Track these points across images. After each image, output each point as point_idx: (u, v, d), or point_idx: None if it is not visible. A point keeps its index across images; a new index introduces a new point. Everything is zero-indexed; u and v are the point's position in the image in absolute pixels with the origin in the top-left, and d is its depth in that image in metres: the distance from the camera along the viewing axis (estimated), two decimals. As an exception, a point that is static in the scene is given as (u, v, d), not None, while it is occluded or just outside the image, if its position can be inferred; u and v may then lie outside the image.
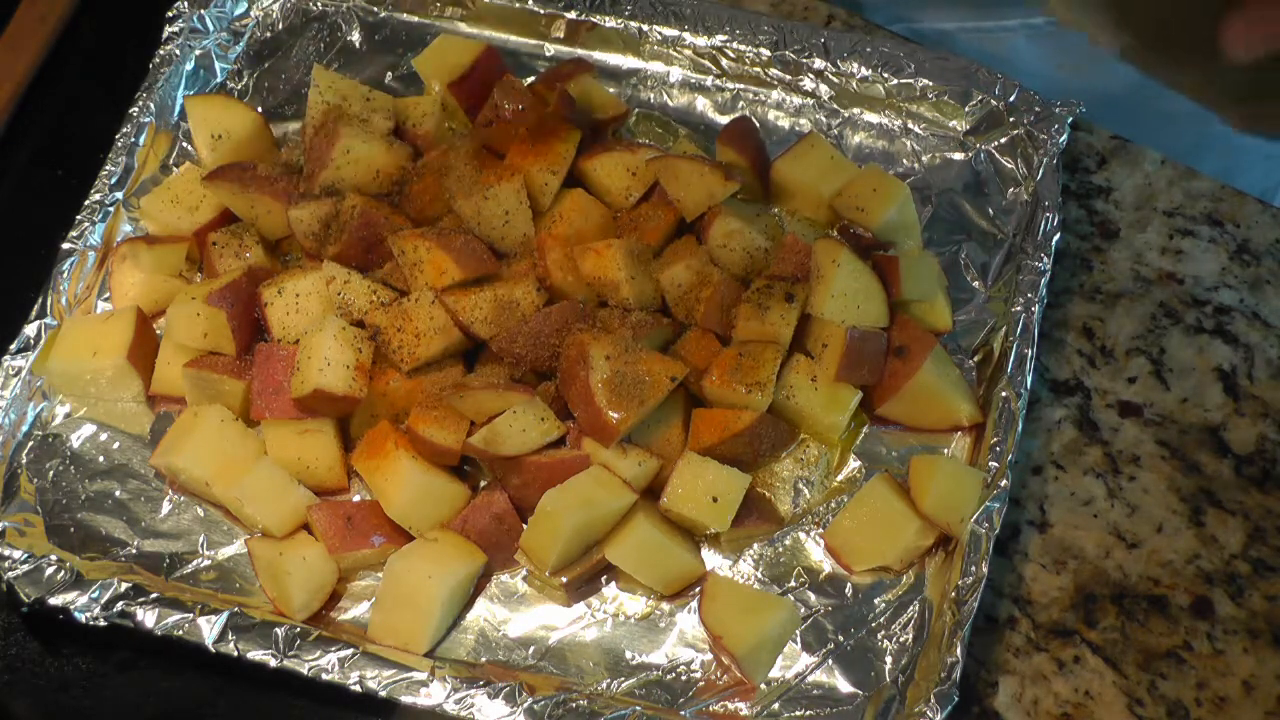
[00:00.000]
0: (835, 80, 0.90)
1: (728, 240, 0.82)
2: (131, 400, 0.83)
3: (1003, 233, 0.86)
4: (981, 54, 0.92)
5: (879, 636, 0.75)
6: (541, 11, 0.93)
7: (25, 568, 0.75)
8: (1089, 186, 0.89)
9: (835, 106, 0.91)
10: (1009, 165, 0.88)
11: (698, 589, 0.76)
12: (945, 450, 0.80)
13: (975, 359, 0.82)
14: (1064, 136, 0.87)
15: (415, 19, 0.96)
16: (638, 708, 0.72)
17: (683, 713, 0.73)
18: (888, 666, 0.74)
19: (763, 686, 0.74)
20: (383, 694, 0.72)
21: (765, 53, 0.91)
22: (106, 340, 0.81)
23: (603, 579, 0.77)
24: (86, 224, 0.86)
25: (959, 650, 0.71)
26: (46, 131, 0.96)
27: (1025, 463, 0.80)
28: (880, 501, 0.77)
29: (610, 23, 0.92)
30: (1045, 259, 0.82)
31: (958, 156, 0.89)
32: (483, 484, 0.80)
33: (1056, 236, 0.83)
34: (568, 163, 0.84)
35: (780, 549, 0.78)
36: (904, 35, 0.91)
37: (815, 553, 0.78)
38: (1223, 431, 0.81)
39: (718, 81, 0.93)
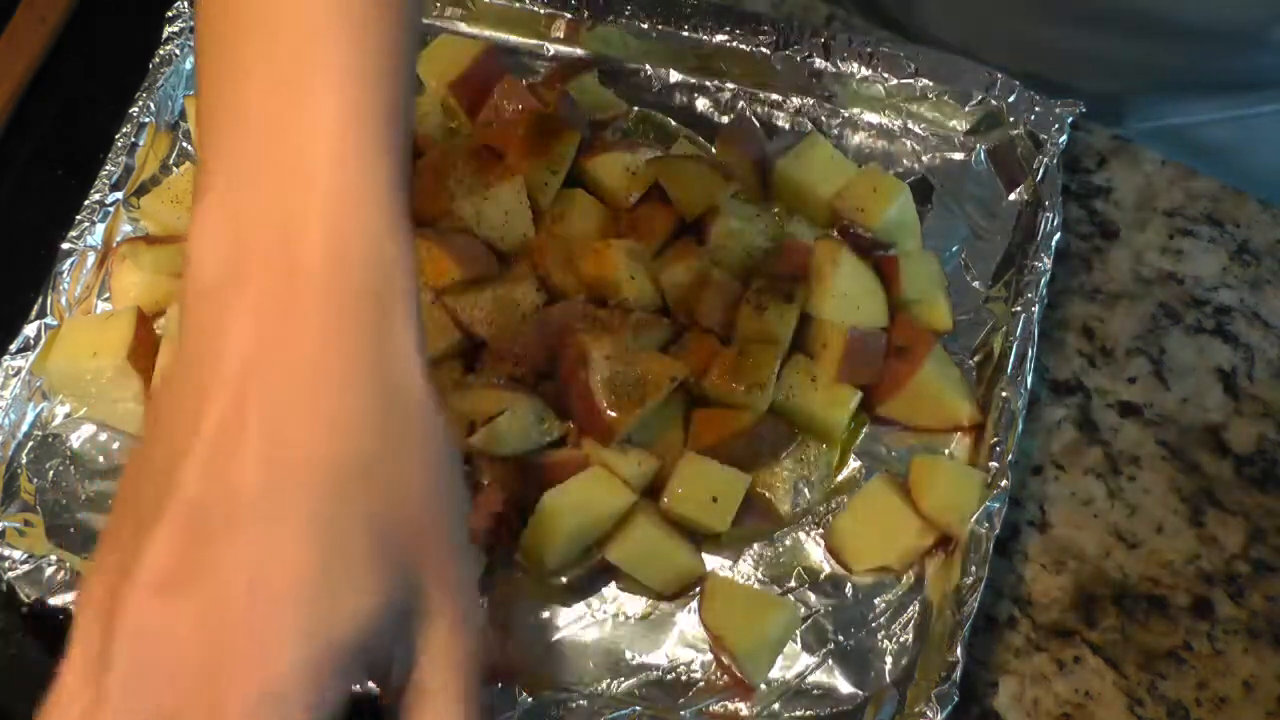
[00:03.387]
0: (835, 80, 0.90)
1: (728, 240, 0.82)
2: (131, 400, 0.83)
3: (1003, 233, 0.86)
4: (1228, 141, 0.93)
5: (879, 636, 0.75)
6: (541, 11, 0.93)
7: (25, 568, 0.75)
8: (1089, 186, 0.89)
9: (835, 106, 0.91)
10: (1009, 165, 0.88)
11: (698, 589, 0.76)
12: (945, 450, 0.80)
13: (975, 359, 0.82)
14: (1064, 136, 0.86)
15: (415, 19, 0.96)
16: (638, 708, 0.72)
17: (683, 713, 0.73)
18: (888, 666, 0.74)
19: (763, 686, 0.74)
20: (383, 694, 0.72)
21: (765, 52, 0.91)
22: (106, 340, 0.81)
23: (603, 579, 0.77)
24: (86, 224, 0.86)
25: (959, 650, 0.71)
26: (46, 131, 0.96)
27: (1025, 463, 0.80)
28: (880, 501, 0.77)
29: (610, 23, 0.92)
30: (1045, 259, 0.82)
31: (958, 156, 0.89)
32: (483, 484, 0.80)
33: (1056, 236, 0.83)
34: (568, 163, 0.84)
35: (780, 549, 0.78)
36: (1149, 134, 0.92)
37: (815, 553, 0.78)
38: (1223, 431, 0.81)
39: (718, 81, 0.93)
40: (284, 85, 0.50)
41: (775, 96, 0.92)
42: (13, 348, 0.82)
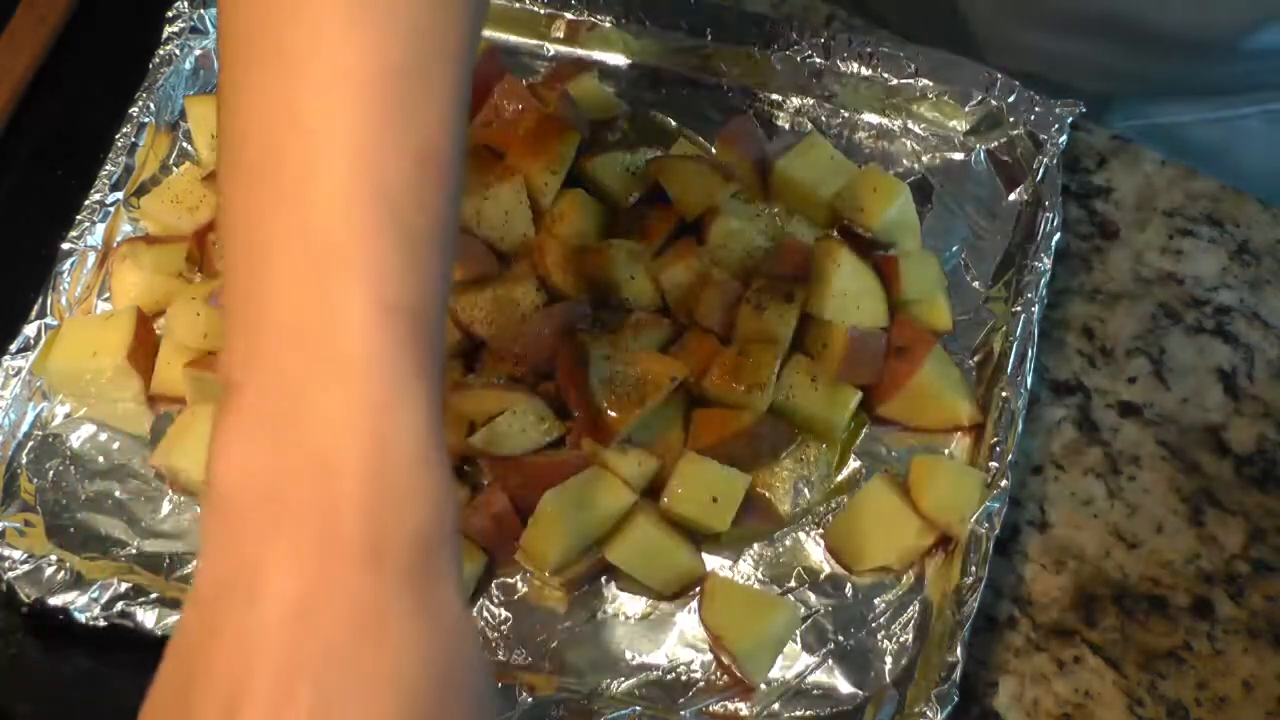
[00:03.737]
0: (835, 80, 0.90)
1: (728, 240, 0.82)
2: (131, 400, 0.83)
3: (1003, 233, 0.86)
4: (1214, 142, 0.94)
5: (879, 636, 0.75)
6: (541, 11, 0.93)
7: (25, 568, 0.75)
8: (1089, 186, 0.89)
9: (835, 106, 0.91)
10: (1009, 165, 0.88)
11: (698, 589, 0.76)
12: (945, 450, 0.80)
13: (975, 359, 0.82)
14: (1064, 137, 0.87)
15: (415, 19, 0.96)
16: (637, 708, 0.72)
17: (683, 713, 0.73)
18: (888, 666, 0.74)
19: (763, 686, 0.74)
20: (383, 694, 0.72)
21: (765, 52, 0.91)
22: (106, 340, 0.81)
23: (603, 579, 0.77)
24: (86, 224, 0.86)
25: (959, 650, 0.71)
26: (46, 131, 0.96)
27: (1025, 463, 0.80)
28: (880, 501, 0.77)
29: (610, 23, 0.92)
30: (1045, 259, 0.82)
31: (958, 156, 0.89)
32: (483, 484, 0.80)
33: (1056, 236, 0.83)
34: (568, 163, 0.84)
35: (780, 549, 0.78)
36: (1136, 130, 0.92)
37: (815, 553, 0.78)
38: (1223, 431, 0.81)
39: (718, 81, 0.92)
40: (312, 284, 0.47)
41: (775, 96, 0.92)
42: (13, 348, 0.82)
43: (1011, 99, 0.88)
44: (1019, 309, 0.81)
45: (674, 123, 0.92)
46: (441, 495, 0.47)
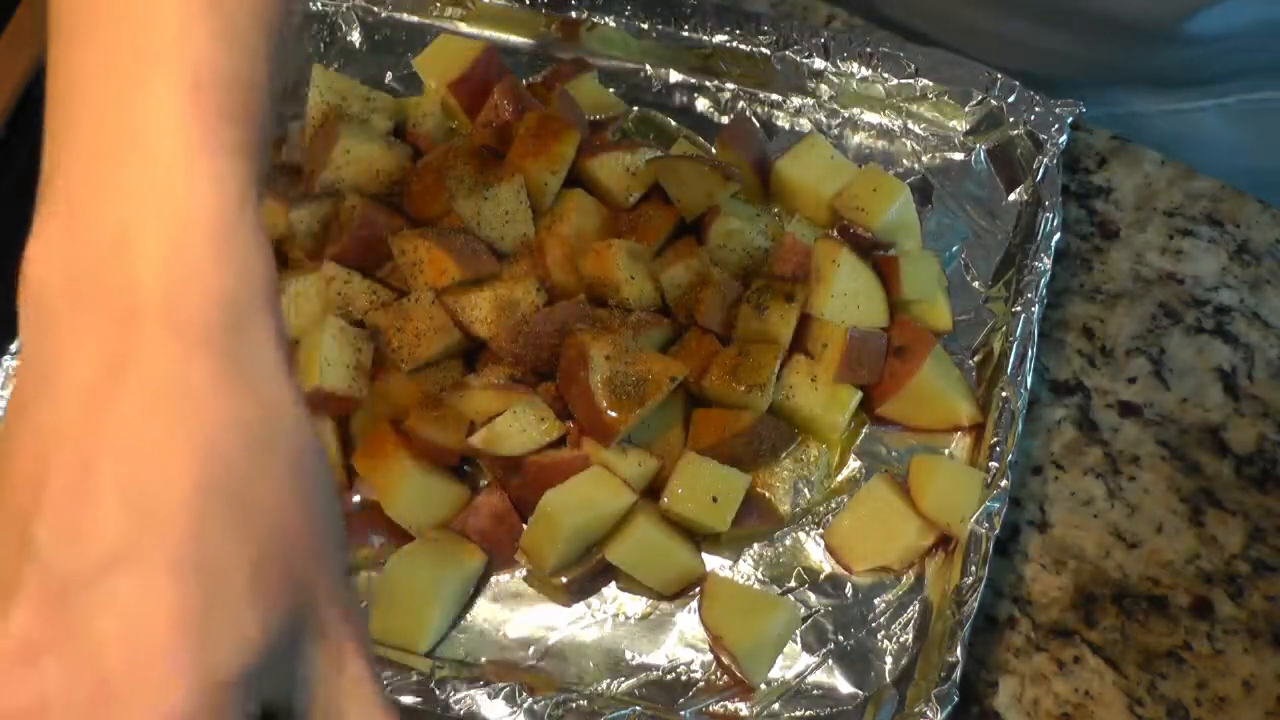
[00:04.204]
0: (835, 80, 0.90)
1: (728, 240, 0.82)
2: (131, 400, 0.82)
3: (1003, 233, 0.86)
4: (1173, 134, 0.93)
5: (879, 636, 0.75)
6: (541, 12, 0.93)
7: (25, 568, 0.75)
8: (1089, 186, 0.89)
9: (835, 106, 0.91)
10: (1009, 165, 0.88)
11: (698, 589, 0.76)
12: (945, 450, 0.80)
13: (975, 359, 0.82)
14: (1064, 136, 0.87)
15: (415, 19, 0.96)
16: (637, 708, 0.72)
17: (682, 713, 0.73)
18: (888, 666, 0.74)
19: (763, 686, 0.74)
20: (382, 694, 0.72)
21: (765, 52, 0.91)
22: (106, 340, 0.81)
23: (603, 579, 0.77)
24: (86, 224, 0.86)
25: (959, 650, 0.71)
26: (47, 131, 0.96)
27: (1025, 463, 0.80)
28: (880, 501, 0.77)
29: (610, 23, 0.92)
30: (1045, 259, 0.82)
31: (958, 156, 0.89)
32: (483, 484, 0.80)
33: (1056, 236, 0.83)
34: (568, 163, 0.84)
35: (780, 549, 0.78)
36: (1099, 119, 0.92)
37: (815, 553, 0.78)
38: (1223, 431, 0.81)
39: (718, 81, 0.93)
40: (122, 66, 0.46)
41: (775, 96, 0.92)
42: (13, 348, 0.82)
43: (1011, 99, 0.88)
44: (1019, 309, 0.81)
45: (674, 123, 0.92)
46: (249, 263, 0.45)
